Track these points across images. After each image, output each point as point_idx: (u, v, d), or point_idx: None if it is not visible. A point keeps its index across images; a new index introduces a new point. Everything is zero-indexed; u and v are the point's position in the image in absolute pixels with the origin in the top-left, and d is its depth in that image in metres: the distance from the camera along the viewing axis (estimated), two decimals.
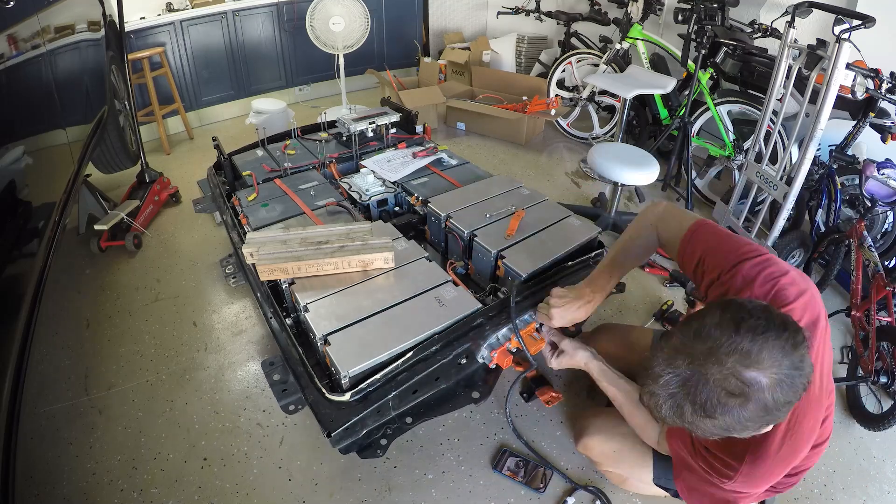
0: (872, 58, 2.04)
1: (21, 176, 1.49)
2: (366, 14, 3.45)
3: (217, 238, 2.58)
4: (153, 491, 1.49)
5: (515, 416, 1.71)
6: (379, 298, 1.39)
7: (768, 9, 2.84)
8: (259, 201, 1.87)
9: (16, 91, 1.54)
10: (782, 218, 2.18)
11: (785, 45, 2.03)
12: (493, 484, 1.52)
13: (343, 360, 1.22)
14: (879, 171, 2.07)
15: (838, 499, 1.51)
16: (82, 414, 1.71)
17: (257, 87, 4.11)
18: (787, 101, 2.09)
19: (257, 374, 1.84)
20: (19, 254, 1.43)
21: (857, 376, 1.75)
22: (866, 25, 1.71)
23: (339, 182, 2.06)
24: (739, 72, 2.62)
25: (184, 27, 3.57)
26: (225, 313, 2.13)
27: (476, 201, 1.81)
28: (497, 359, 1.39)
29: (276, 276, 1.45)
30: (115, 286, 2.28)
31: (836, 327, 2.10)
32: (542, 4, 3.96)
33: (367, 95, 4.48)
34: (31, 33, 1.63)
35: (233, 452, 1.60)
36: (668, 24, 3.16)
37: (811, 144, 1.96)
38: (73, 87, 2.05)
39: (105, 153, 2.63)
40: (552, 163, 3.43)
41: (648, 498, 1.48)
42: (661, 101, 3.11)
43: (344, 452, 1.26)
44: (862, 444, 1.67)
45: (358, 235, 1.52)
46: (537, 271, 1.53)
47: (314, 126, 2.55)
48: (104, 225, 2.36)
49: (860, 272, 1.88)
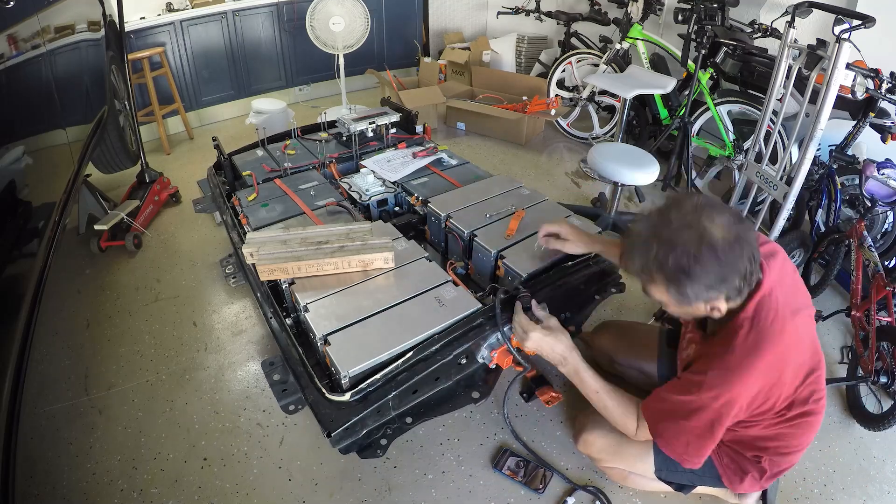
0: (872, 58, 2.04)
1: (21, 176, 1.49)
2: (366, 14, 3.45)
3: (217, 238, 2.58)
4: (153, 491, 1.49)
5: (515, 416, 1.71)
6: (379, 298, 1.39)
7: (768, 9, 2.84)
8: (259, 201, 1.87)
9: (16, 91, 1.54)
10: (782, 218, 2.18)
11: (785, 45, 2.03)
12: (493, 484, 1.52)
13: (343, 360, 1.22)
14: (879, 171, 2.07)
15: (838, 499, 1.51)
16: (82, 414, 1.71)
17: (257, 87, 4.11)
18: (787, 101, 2.09)
19: (257, 374, 1.84)
20: (19, 254, 1.43)
21: (857, 376, 1.75)
22: (866, 25, 1.71)
23: (339, 182, 2.06)
24: (739, 72, 2.62)
25: (184, 27, 3.57)
26: (225, 313, 2.13)
27: (476, 201, 1.81)
28: (497, 359, 1.39)
29: (276, 276, 1.45)
30: (115, 286, 2.28)
31: (836, 327, 2.10)
32: (542, 4, 3.96)
33: (367, 95, 4.48)
34: (31, 33, 1.63)
35: (233, 452, 1.60)
36: (668, 24, 3.16)
37: (811, 144, 1.96)
38: (73, 87, 2.05)
39: (105, 153, 2.63)
40: (552, 163, 3.43)
41: (649, 496, 1.48)
42: (661, 101, 3.11)
43: (344, 452, 1.26)
44: (862, 444, 1.67)
45: (358, 235, 1.52)
46: (537, 271, 1.53)
47: (314, 126, 2.55)
48: (104, 225, 2.36)
49: (860, 272, 1.88)
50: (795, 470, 1.56)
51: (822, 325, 2.09)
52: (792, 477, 1.55)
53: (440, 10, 4.73)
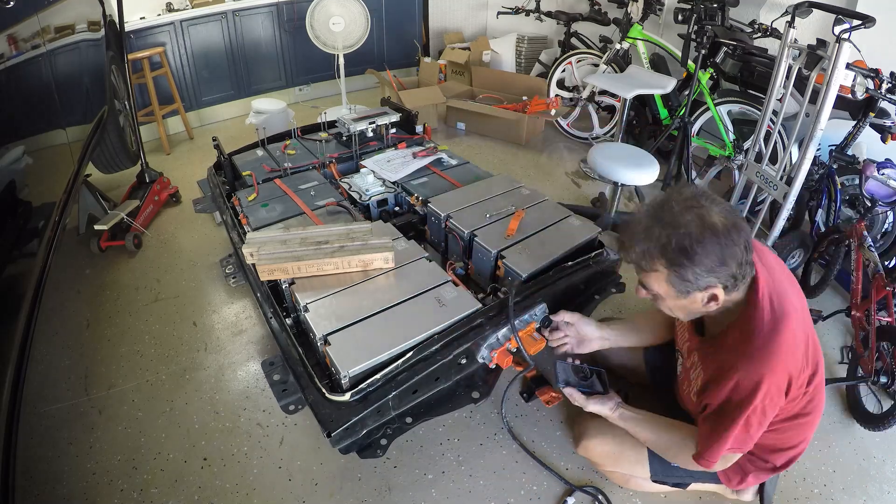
0: (872, 58, 2.04)
1: (21, 176, 1.49)
2: (366, 14, 3.45)
3: (217, 238, 2.58)
4: (153, 491, 1.49)
5: (516, 416, 1.71)
6: (379, 298, 1.39)
7: (768, 9, 2.84)
8: (259, 201, 1.87)
9: (16, 91, 1.54)
10: (782, 218, 2.18)
11: (785, 45, 2.03)
12: (493, 484, 1.52)
13: (343, 360, 1.22)
14: (879, 171, 2.07)
15: (838, 498, 1.51)
16: (82, 414, 1.71)
17: (257, 87, 4.11)
18: (787, 101, 2.09)
19: (257, 374, 1.84)
20: (19, 254, 1.43)
21: (857, 376, 1.75)
22: (866, 25, 1.71)
23: (339, 182, 2.06)
24: (739, 72, 2.62)
25: (184, 27, 3.57)
26: (225, 313, 2.13)
27: (476, 201, 1.81)
28: (497, 359, 1.39)
29: (276, 276, 1.45)
30: (115, 286, 2.28)
31: (836, 327, 2.10)
32: (542, 4, 3.96)
33: (367, 95, 4.48)
34: (31, 33, 1.63)
35: (233, 452, 1.60)
36: (668, 24, 3.16)
37: (811, 144, 1.96)
38: (73, 88, 2.05)
39: (105, 153, 2.63)
40: (552, 163, 3.43)
41: (649, 496, 1.48)
42: (661, 101, 3.11)
43: (344, 452, 1.26)
44: (862, 444, 1.67)
45: (358, 235, 1.52)
46: (537, 271, 1.53)
47: (314, 126, 2.55)
48: (104, 225, 2.36)
49: (860, 272, 1.88)
50: (796, 470, 1.56)
51: (823, 325, 2.09)
52: (792, 477, 1.55)
53: (440, 10, 4.73)
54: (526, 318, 1.44)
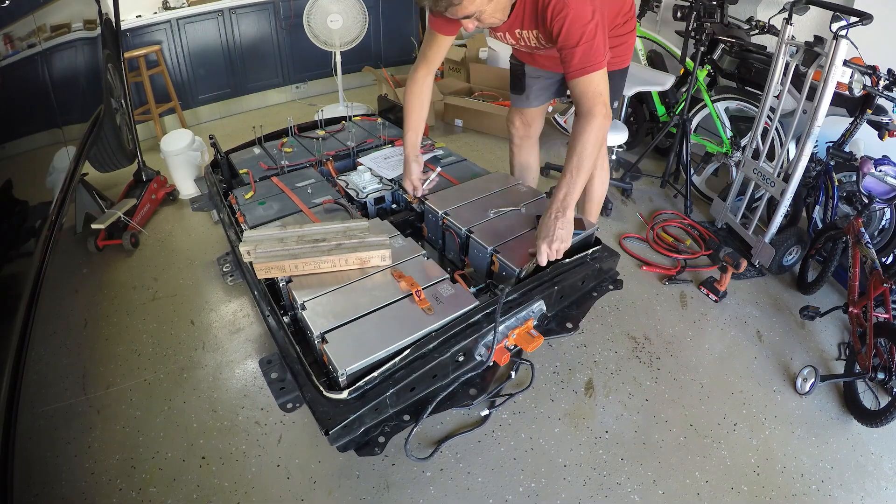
0: (869, 54, 2.04)
1: (18, 175, 1.48)
2: (363, 11, 3.44)
3: (214, 236, 2.58)
4: (152, 490, 1.49)
5: (514, 413, 1.71)
6: (376, 296, 1.39)
7: (766, 6, 2.84)
8: (256, 199, 1.86)
9: (12, 90, 1.53)
10: (780, 214, 2.19)
11: (782, 42, 2.03)
12: (491, 481, 1.52)
13: (340, 357, 1.22)
14: (876, 167, 2.07)
15: (835, 495, 1.52)
16: (80, 413, 1.71)
17: (254, 84, 4.11)
18: (784, 97, 2.09)
19: (255, 373, 1.84)
20: (16, 253, 1.42)
21: (854, 373, 1.76)
22: (863, 22, 1.71)
23: (336, 179, 2.05)
24: (737, 68, 2.62)
25: (180, 25, 3.56)
26: (222, 311, 2.13)
27: (473, 198, 1.80)
28: (495, 356, 1.39)
29: (273, 274, 1.44)
30: (112, 285, 2.28)
31: (833, 324, 2.11)
32: None
33: (365, 93, 4.48)
34: (26, 32, 1.63)
35: (231, 451, 1.60)
36: (666, 20, 3.15)
37: (808, 141, 1.96)
38: (69, 86, 2.04)
39: (101, 152, 2.62)
40: (549, 159, 3.42)
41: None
42: (659, 98, 3.11)
43: (342, 450, 1.26)
44: (859, 440, 1.67)
45: (355, 233, 1.52)
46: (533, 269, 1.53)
47: (311, 124, 2.54)
48: (101, 224, 2.36)
49: (857, 269, 1.88)
50: (793, 466, 1.57)
51: (820, 321, 2.10)
52: (789, 473, 1.56)
53: None
54: (524, 315, 1.44)
